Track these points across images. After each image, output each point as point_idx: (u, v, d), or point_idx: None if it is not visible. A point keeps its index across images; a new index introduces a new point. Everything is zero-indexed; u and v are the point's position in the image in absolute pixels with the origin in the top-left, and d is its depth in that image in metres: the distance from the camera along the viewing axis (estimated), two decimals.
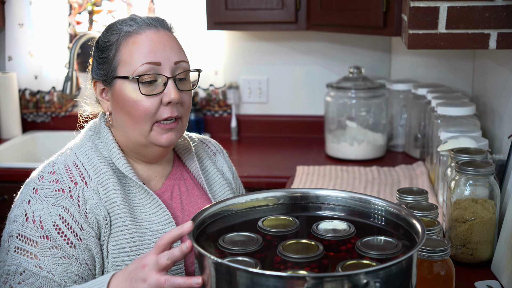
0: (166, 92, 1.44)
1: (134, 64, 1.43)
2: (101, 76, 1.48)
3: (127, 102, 1.44)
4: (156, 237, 1.44)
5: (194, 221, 1.16)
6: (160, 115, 1.44)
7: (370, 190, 2.35)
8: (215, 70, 3.18)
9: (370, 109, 2.81)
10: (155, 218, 1.46)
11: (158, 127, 1.45)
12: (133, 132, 1.47)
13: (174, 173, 1.59)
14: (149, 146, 1.48)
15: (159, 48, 1.44)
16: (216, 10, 2.81)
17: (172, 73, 1.45)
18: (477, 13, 1.76)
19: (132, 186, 1.47)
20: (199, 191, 1.59)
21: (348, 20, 2.58)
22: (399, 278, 1.02)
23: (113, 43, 1.46)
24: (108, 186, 1.43)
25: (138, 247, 1.42)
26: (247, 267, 1.00)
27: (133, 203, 1.46)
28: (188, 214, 1.54)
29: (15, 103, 3.17)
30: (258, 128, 3.26)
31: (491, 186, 1.64)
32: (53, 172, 1.43)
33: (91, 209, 1.40)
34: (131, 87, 1.43)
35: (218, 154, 1.72)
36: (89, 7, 3.17)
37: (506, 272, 1.55)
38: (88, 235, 1.39)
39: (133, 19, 1.48)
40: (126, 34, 1.45)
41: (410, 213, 1.19)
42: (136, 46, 1.44)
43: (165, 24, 1.51)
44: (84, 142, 1.51)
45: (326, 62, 3.17)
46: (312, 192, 1.32)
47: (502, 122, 2.19)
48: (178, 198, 1.55)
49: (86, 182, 1.43)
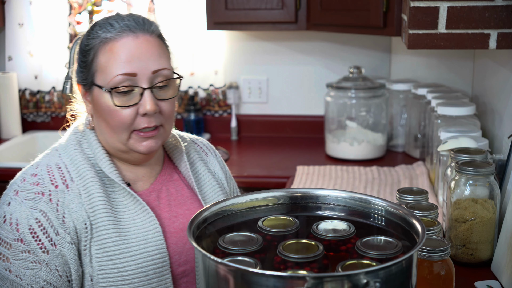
0: (142, 103, 1.39)
1: (110, 74, 1.38)
2: (81, 80, 1.45)
3: (104, 110, 1.41)
4: (141, 239, 1.41)
5: (194, 221, 1.16)
6: (137, 125, 1.41)
7: (370, 190, 2.35)
8: (215, 70, 3.18)
9: (370, 109, 2.81)
10: (139, 221, 1.43)
11: (136, 136, 1.42)
12: (111, 139, 1.44)
13: (163, 173, 1.56)
14: (129, 152, 1.46)
15: (136, 58, 1.38)
16: (216, 10, 2.81)
17: (149, 83, 1.40)
18: (477, 13, 1.76)
19: (116, 188, 1.44)
20: (189, 192, 1.56)
21: (348, 20, 2.58)
22: (399, 278, 1.02)
23: (92, 48, 1.41)
24: (91, 189, 1.40)
25: (122, 251, 1.39)
26: (247, 267, 1.00)
27: (117, 205, 1.43)
28: (175, 215, 1.51)
29: (15, 103, 3.17)
30: (258, 128, 3.26)
31: (491, 186, 1.64)
32: (35, 174, 1.41)
33: (70, 213, 1.38)
34: (106, 96, 1.39)
35: (210, 155, 1.68)
36: (89, 7, 3.17)
37: (506, 272, 1.55)
38: (63, 240, 1.36)
39: (111, 23, 1.41)
40: (104, 40, 1.40)
41: (410, 213, 1.19)
42: (112, 54, 1.38)
43: (145, 26, 1.42)
44: (69, 142, 1.48)
45: (326, 62, 3.17)
46: (312, 192, 1.32)
47: (502, 122, 2.19)
48: (166, 199, 1.52)
49: (67, 185, 1.40)
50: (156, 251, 1.42)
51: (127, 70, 1.38)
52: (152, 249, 1.42)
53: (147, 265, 1.40)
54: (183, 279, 1.48)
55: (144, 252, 1.41)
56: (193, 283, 1.50)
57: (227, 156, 2.90)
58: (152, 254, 1.41)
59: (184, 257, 1.48)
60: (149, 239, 1.42)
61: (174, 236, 1.48)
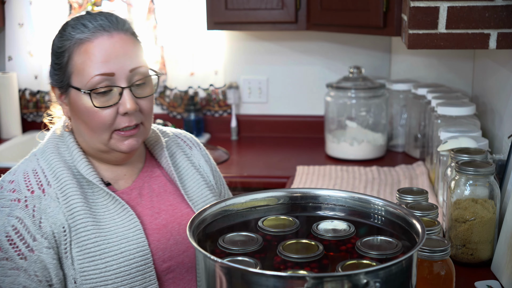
0: (122, 102, 1.39)
1: (87, 75, 1.37)
2: (57, 82, 1.44)
3: (83, 112, 1.40)
4: (121, 238, 1.41)
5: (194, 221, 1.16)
6: (118, 124, 1.40)
7: (370, 190, 2.35)
8: (215, 70, 3.18)
9: (370, 109, 2.81)
10: (119, 220, 1.43)
11: (117, 135, 1.42)
12: (91, 140, 1.44)
13: (145, 170, 1.55)
14: (110, 152, 1.46)
15: (112, 57, 1.38)
16: (216, 10, 2.81)
17: (128, 82, 1.39)
18: (477, 13, 1.76)
19: (95, 189, 1.44)
20: (172, 187, 1.56)
21: (348, 20, 2.58)
22: (399, 278, 1.02)
23: (66, 49, 1.40)
24: (68, 192, 1.40)
25: (102, 251, 1.39)
26: (247, 267, 1.00)
27: (96, 206, 1.42)
28: (158, 211, 1.50)
29: (15, 103, 3.17)
30: (258, 128, 3.26)
31: (491, 186, 1.64)
32: (12, 181, 1.41)
33: (47, 218, 1.37)
34: (85, 98, 1.39)
35: (194, 148, 1.66)
36: (89, 7, 3.17)
37: (506, 272, 1.55)
38: (41, 246, 1.36)
39: (84, 24, 1.40)
40: (78, 41, 1.38)
41: (410, 213, 1.19)
42: (88, 55, 1.37)
43: (119, 24, 1.42)
44: (46, 146, 1.47)
45: (326, 62, 3.17)
46: (312, 192, 1.32)
47: (502, 122, 2.19)
48: (148, 195, 1.51)
49: (44, 189, 1.40)
50: (137, 249, 1.41)
51: (105, 70, 1.37)
52: (133, 247, 1.41)
53: (129, 264, 1.40)
54: (168, 275, 1.47)
55: (126, 250, 1.40)
56: (180, 278, 1.49)
57: (227, 156, 2.90)
58: (134, 252, 1.41)
59: (168, 253, 1.47)
60: (130, 237, 1.42)
61: (157, 232, 1.47)
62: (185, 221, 1.51)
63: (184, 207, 1.54)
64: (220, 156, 2.91)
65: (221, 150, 2.99)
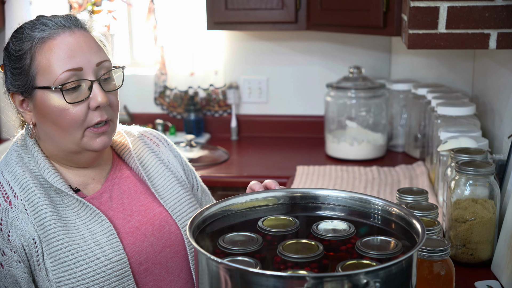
0: (93, 96, 1.37)
1: (54, 72, 1.35)
2: (18, 88, 1.39)
3: (53, 112, 1.37)
4: (95, 245, 1.38)
5: (194, 221, 1.16)
6: (90, 120, 1.38)
7: (370, 190, 2.35)
8: (215, 70, 3.18)
9: (370, 109, 2.81)
10: (91, 226, 1.40)
11: (90, 132, 1.39)
12: (63, 141, 1.41)
13: (113, 172, 1.53)
14: (82, 152, 1.43)
15: (78, 52, 1.36)
16: (216, 10, 2.81)
17: (95, 76, 1.38)
18: (477, 13, 1.76)
19: (64, 197, 1.41)
20: (143, 187, 1.53)
21: (348, 20, 2.58)
22: (399, 278, 1.02)
23: (27, 51, 1.36)
24: (36, 202, 1.37)
25: (77, 259, 1.36)
26: (247, 267, 1.00)
27: (66, 214, 1.40)
28: (130, 214, 1.48)
29: None
30: (258, 128, 3.26)
31: (491, 186, 1.64)
32: None
33: (15, 230, 1.34)
34: (54, 96, 1.36)
35: (162, 145, 1.64)
36: (89, 7, 3.17)
37: (506, 272, 1.55)
38: (10, 260, 1.33)
39: (43, 23, 1.38)
40: (40, 40, 1.36)
41: (410, 213, 1.19)
42: (53, 52, 1.35)
43: (78, 22, 1.41)
44: (9, 158, 1.45)
45: (326, 62, 3.17)
46: (312, 192, 1.32)
47: (502, 122, 2.19)
48: (118, 198, 1.49)
49: (10, 201, 1.37)
50: (112, 254, 1.39)
51: (72, 65, 1.35)
52: (108, 253, 1.39)
53: (105, 270, 1.37)
54: (148, 277, 1.45)
55: (101, 256, 1.38)
56: (160, 280, 1.46)
57: (227, 156, 2.90)
58: (109, 258, 1.38)
59: (144, 255, 1.44)
60: (104, 243, 1.39)
61: (131, 235, 1.45)
62: (158, 222, 1.49)
63: (156, 207, 1.51)
64: (220, 156, 2.91)
65: (221, 150, 2.99)
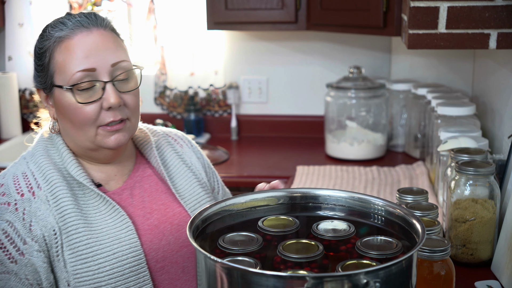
0: (105, 97, 1.38)
1: (69, 72, 1.37)
2: (41, 84, 1.44)
3: (67, 110, 1.40)
4: (113, 239, 1.40)
5: (194, 221, 1.16)
6: (102, 120, 1.40)
7: (370, 190, 2.35)
8: (215, 70, 3.18)
9: (370, 109, 2.81)
10: (111, 221, 1.42)
11: (103, 131, 1.41)
12: (79, 138, 1.43)
13: (136, 170, 1.54)
14: (98, 149, 1.45)
15: (93, 52, 1.38)
16: (216, 10, 2.81)
17: (110, 77, 1.39)
18: (477, 13, 1.76)
19: (86, 190, 1.43)
20: (164, 186, 1.55)
21: (348, 20, 2.58)
22: (399, 278, 1.02)
23: (47, 49, 1.41)
24: (58, 194, 1.39)
25: (95, 253, 1.38)
26: (247, 267, 1.00)
27: (87, 208, 1.42)
28: (150, 212, 1.49)
29: (15, 103, 3.17)
30: (258, 128, 3.26)
31: (491, 186, 1.64)
32: (1, 184, 1.41)
33: (37, 221, 1.37)
34: (68, 95, 1.39)
35: (186, 146, 1.65)
36: (89, 7, 3.17)
37: (506, 272, 1.55)
38: (31, 249, 1.35)
39: (63, 22, 1.41)
40: (58, 40, 1.39)
41: (410, 213, 1.19)
42: (68, 52, 1.38)
43: (98, 21, 1.42)
44: (36, 149, 1.47)
45: (326, 62, 3.17)
46: (312, 192, 1.32)
47: (502, 122, 2.19)
48: (139, 196, 1.51)
49: (34, 192, 1.39)
50: (130, 250, 1.41)
51: (86, 66, 1.37)
52: (125, 248, 1.40)
53: (122, 265, 1.39)
54: (163, 276, 1.47)
55: (118, 251, 1.40)
56: (176, 279, 1.48)
57: (227, 156, 2.90)
58: (127, 253, 1.40)
59: (161, 253, 1.46)
60: (122, 238, 1.41)
61: (149, 233, 1.47)
62: (177, 221, 1.51)
63: (176, 206, 1.53)
64: (220, 156, 2.91)
65: (221, 150, 2.99)
